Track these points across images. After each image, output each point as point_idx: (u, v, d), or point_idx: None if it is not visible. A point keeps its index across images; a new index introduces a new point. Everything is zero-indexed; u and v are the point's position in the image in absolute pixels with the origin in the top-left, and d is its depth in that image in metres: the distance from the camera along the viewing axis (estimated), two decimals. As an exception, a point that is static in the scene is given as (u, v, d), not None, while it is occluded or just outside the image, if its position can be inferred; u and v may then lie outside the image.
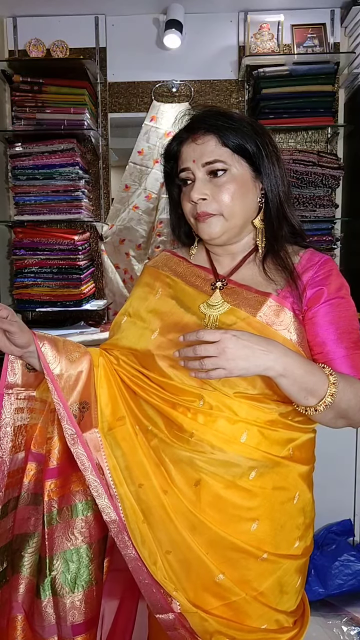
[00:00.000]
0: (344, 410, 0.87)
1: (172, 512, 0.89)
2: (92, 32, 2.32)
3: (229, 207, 0.93)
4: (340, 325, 0.92)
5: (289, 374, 0.81)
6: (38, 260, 2.25)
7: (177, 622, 0.88)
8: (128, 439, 0.94)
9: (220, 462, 0.88)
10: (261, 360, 0.79)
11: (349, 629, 1.79)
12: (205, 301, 0.96)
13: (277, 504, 0.91)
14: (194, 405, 0.90)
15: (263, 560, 0.89)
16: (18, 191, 2.24)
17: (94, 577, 0.95)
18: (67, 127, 2.17)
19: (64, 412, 0.91)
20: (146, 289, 1.05)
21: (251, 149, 0.93)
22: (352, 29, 2.22)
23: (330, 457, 2.03)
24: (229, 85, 2.36)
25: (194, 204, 0.95)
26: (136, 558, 0.88)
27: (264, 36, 2.24)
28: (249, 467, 0.88)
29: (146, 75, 2.35)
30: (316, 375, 0.83)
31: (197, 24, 2.30)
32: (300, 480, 0.95)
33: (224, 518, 0.89)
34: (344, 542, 2.00)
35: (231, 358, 0.77)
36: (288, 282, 0.94)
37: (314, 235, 2.18)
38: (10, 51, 2.34)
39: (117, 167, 2.44)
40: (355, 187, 2.23)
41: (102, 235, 2.40)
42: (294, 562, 0.94)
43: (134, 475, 0.91)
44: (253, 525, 0.89)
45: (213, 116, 0.94)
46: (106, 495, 0.89)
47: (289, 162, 2.10)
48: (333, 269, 0.98)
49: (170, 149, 1.00)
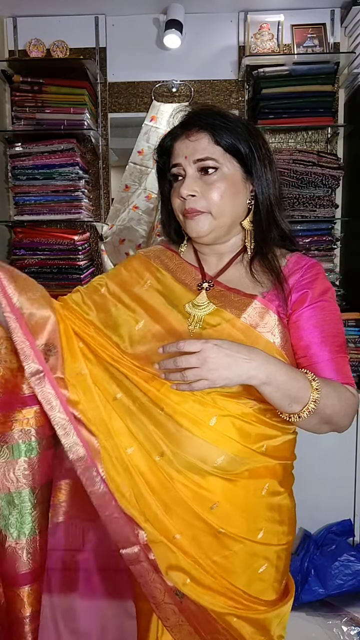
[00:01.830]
0: (329, 415, 0.87)
1: (134, 469, 0.89)
2: (92, 32, 2.32)
3: (218, 205, 0.93)
4: (325, 329, 0.92)
5: (272, 381, 0.80)
6: (38, 260, 2.25)
7: (142, 554, 0.87)
8: (88, 394, 0.92)
9: (187, 443, 0.87)
10: (244, 369, 0.78)
11: (349, 629, 1.79)
12: (191, 301, 0.96)
13: (242, 494, 0.90)
14: (167, 384, 0.88)
15: (220, 533, 0.89)
16: (18, 191, 2.24)
17: (37, 525, 0.90)
18: (67, 127, 2.17)
19: (29, 350, 0.87)
20: (134, 275, 1.04)
21: (243, 149, 0.94)
22: (352, 29, 2.22)
23: (330, 457, 2.04)
24: (229, 85, 2.36)
25: (183, 200, 0.95)
26: (105, 492, 0.86)
27: (264, 36, 2.24)
28: (216, 453, 0.87)
29: (146, 75, 2.35)
30: (299, 381, 0.83)
31: (197, 24, 2.30)
32: (271, 473, 0.93)
33: (185, 489, 0.88)
34: (344, 542, 2.00)
35: (213, 368, 0.76)
36: (274, 284, 0.94)
37: (314, 235, 2.18)
38: (10, 51, 2.33)
39: (117, 167, 2.44)
40: (355, 187, 2.23)
41: (102, 235, 2.40)
42: (257, 545, 0.92)
43: (98, 427, 0.91)
44: (213, 506, 0.88)
45: (208, 114, 0.94)
46: (75, 432, 0.87)
47: (289, 162, 2.10)
48: (319, 272, 0.97)
49: (163, 144, 1.00)
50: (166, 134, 1.00)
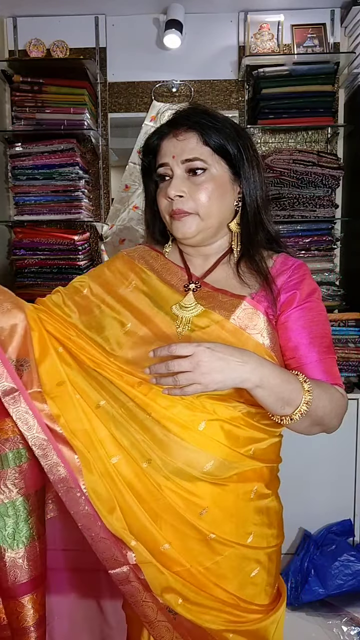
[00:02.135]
0: (320, 417, 0.87)
1: (120, 480, 0.86)
2: (92, 32, 2.32)
3: (206, 206, 0.91)
4: (313, 330, 0.92)
5: (265, 384, 0.79)
6: (38, 260, 2.25)
7: (132, 574, 0.84)
8: (70, 405, 0.89)
9: (175, 448, 0.85)
10: (237, 373, 0.77)
11: (349, 629, 1.79)
12: (177, 302, 0.94)
13: (231, 498, 0.89)
14: (155, 389, 0.87)
15: (210, 539, 0.87)
16: (18, 191, 2.24)
17: (35, 532, 0.87)
18: (67, 127, 2.17)
19: (0, 367, 0.83)
20: (118, 275, 1.02)
21: (232, 150, 0.92)
22: (352, 29, 2.22)
23: (330, 457, 2.04)
24: (229, 85, 2.36)
25: (170, 201, 0.93)
26: (90, 513, 0.83)
27: (264, 36, 2.24)
28: (204, 458, 0.86)
29: (146, 75, 2.35)
30: (292, 383, 0.82)
31: (197, 24, 2.30)
32: (259, 476, 0.92)
33: (173, 495, 0.86)
34: (344, 542, 2.00)
35: (206, 372, 0.75)
36: (262, 285, 0.93)
37: (314, 235, 2.18)
38: (10, 51, 2.33)
39: (117, 167, 2.44)
40: (355, 187, 2.23)
41: (102, 235, 2.40)
42: (247, 550, 0.90)
43: (80, 441, 0.87)
44: (202, 511, 0.86)
45: (197, 114, 0.93)
46: (55, 452, 0.84)
47: (289, 162, 2.10)
48: (306, 273, 0.96)
49: (150, 142, 0.98)
50: (153, 132, 0.98)
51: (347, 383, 2.11)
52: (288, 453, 0.96)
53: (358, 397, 2.08)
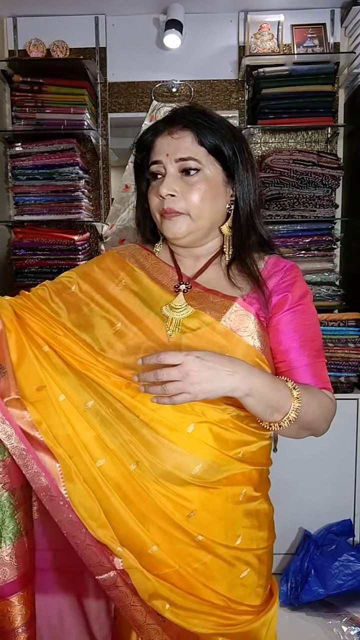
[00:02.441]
0: (309, 422, 0.87)
1: (105, 484, 0.84)
2: (92, 32, 2.32)
3: (198, 207, 0.90)
4: (304, 334, 0.91)
5: (255, 393, 0.79)
6: (38, 260, 2.25)
7: (119, 579, 0.82)
8: (51, 409, 0.86)
9: (163, 450, 0.84)
10: (227, 382, 0.77)
11: (349, 629, 1.79)
12: (168, 303, 0.93)
13: (220, 501, 0.88)
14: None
15: (198, 541, 0.86)
16: (18, 191, 2.24)
17: (22, 527, 0.85)
18: (67, 127, 2.17)
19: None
20: (108, 273, 1.00)
21: (227, 152, 0.91)
22: (352, 29, 2.22)
23: (330, 457, 2.04)
24: (229, 85, 2.36)
25: (161, 199, 0.91)
26: (74, 521, 0.81)
27: (264, 36, 2.24)
28: (193, 461, 0.85)
29: (146, 75, 2.35)
30: (281, 391, 0.82)
31: (197, 24, 2.30)
32: (248, 480, 0.91)
33: (162, 498, 0.85)
34: (344, 542, 2.00)
35: (196, 382, 0.74)
36: (253, 287, 0.92)
37: (314, 235, 2.18)
38: (10, 51, 2.33)
39: (117, 167, 2.44)
40: (355, 187, 2.23)
41: (102, 235, 2.40)
42: (237, 551, 0.90)
43: (62, 447, 0.85)
44: (190, 514, 0.86)
45: (194, 113, 0.91)
46: (35, 462, 0.81)
47: (289, 162, 2.10)
48: (298, 275, 0.96)
49: (144, 139, 0.96)
50: (147, 128, 0.96)
51: (347, 383, 2.11)
52: (288, 453, 0.97)
53: (358, 397, 2.08)
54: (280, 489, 1.00)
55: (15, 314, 0.94)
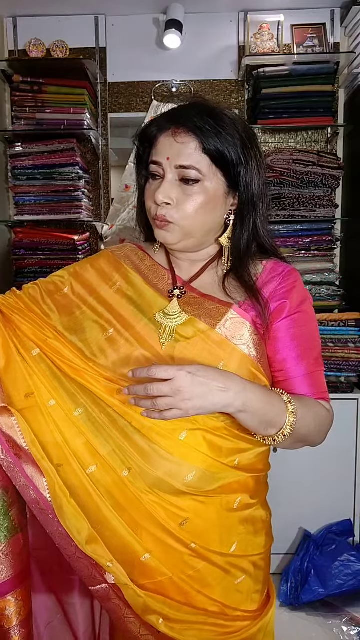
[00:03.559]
0: (303, 435, 0.85)
1: (96, 491, 0.82)
2: (92, 32, 2.32)
3: (191, 219, 0.86)
4: (302, 342, 0.89)
5: (249, 409, 0.77)
6: (38, 260, 2.25)
7: (112, 592, 0.81)
8: (40, 416, 0.84)
9: (156, 457, 0.82)
10: (219, 398, 0.74)
11: (349, 629, 1.79)
12: (161, 310, 0.89)
13: (213, 509, 0.86)
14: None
15: (192, 548, 0.84)
16: (18, 191, 2.24)
17: (17, 524, 0.83)
18: (67, 127, 2.17)
19: None
20: (102, 275, 0.96)
21: (233, 164, 0.85)
22: (352, 29, 2.22)
23: (330, 457, 2.04)
24: (229, 85, 2.36)
25: (156, 205, 0.87)
26: (64, 534, 0.80)
27: (264, 36, 2.24)
28: (186, 468, 0.83)
29: (146, 75, 2.35)
30: (275, 406, 0.80)
31: (197, 24, 2.30)
32: (243, 488, 0.89)
33: (154, 505, 0.83)
34: (344, 542, 2.01)
35: (187, 398, 0.72)
36: (250, 295, 0.89)
37: (314, 235, 2.18)
38: (10, 51, 2.33)
39: (117, 167, 2.44)
40: (355, 187, 2.23)
41: (102, 235, 2.40)
42: (232, 558, 0.88)
43: (51, 455, 0.83)
44: (182, 522, 0.84)
45: (201, 116, 0.84)
46: (23, 476, 0.79)
47: (289, 162, 2.10)
48: (297, 280, 0.92)
49: (147, 132, 0.91)
50: (151, 121, 0.91)
51: (347, 383, 2.11)
52: (288, 453, 0.96)
53: (358, 397, 2.08)
54: (280, 489, 0.99)
55: (4, 315, 0.91)
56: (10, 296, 0.96)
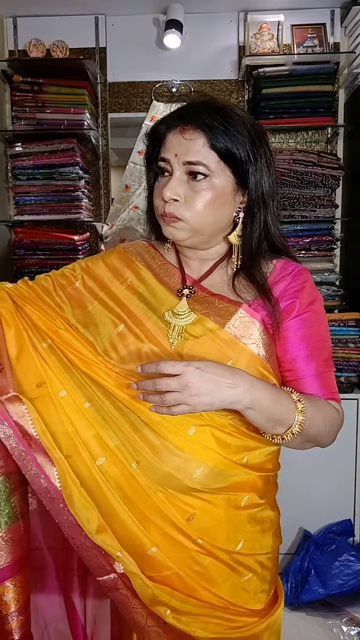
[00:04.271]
0: (313, 436, 0.85)
1: (105, 483, 0.83)
2: (92, 32, 2.32)
3: (200, 216, 0.86)
4: (312, 342, 0.88)
5: (257, 406, 0.77)
6: (38, 260, 2.25)
7: (120, 582, 0.81)
8: (51, 406, 0.85)
9: (164, 452, 0.83)
10: (226, 395, 0.74)
11: (349, 629, 1.79)
12: (171, 308, 0.90)
13: (221, 506, 0.86)
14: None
15: (198, 544, 0.85)
16: (18, 191, 2.24)
17: (18, 511, 0.84)
18: (67, 127, 2.17)
19: None
20: (113, 271, 0.97)
21: (242, 160, 0.85)
22: (352, 29, 2.22)
23: (330, 457, 2.04)
24: (229, 85, 2.36)
25: (163, 202, 0.87)
26: (74, 524, 0.80)
27: (264, 36, 2.24)
28: (193, 464, 0.83)
29: (146, 75, 2.35)
30: (284, 404, 0.80)
31: (197, 24, 2.30)
32: (251, 487, 0.89)
33: (162, 497, 0.84)
34: (344, 542, 2.01)
35: (195, 394, 0.72)
36: (259, 295, 0.89)
37: (314, 235, 2.18)
38: (10, 51, 2.33)
39: (117, 167, 2.44)
40: (355, 187, 2.23)
41: (102, 235, 2.40)
42: (238, 556, 0.88)
43: (61, 445, 0.84)
44: (189, 517, 0.84)
45: (209, 112, 0.85)
46: (34, 464, 0.80)
47: (289, 162, 2.10)
48: (307, 280, 0.91)
49: (157, 130, 0.91)
50: (161, 120, 0.91)
51: (347, 383, 2.11)
52: (288, 453, 0.96)
53: (358, 397, 2.08)
54: (280, 489, 0.99)
55: (16, 305, 0.92)
56: (22, 286, 0.97)
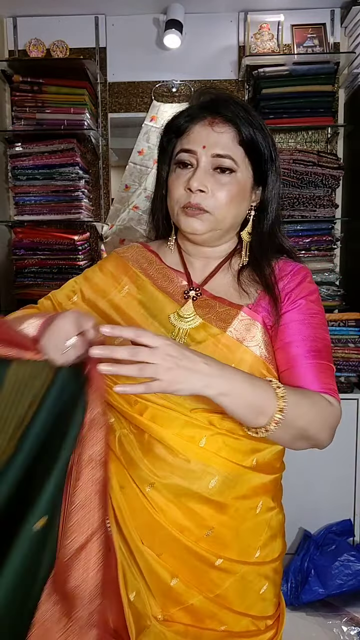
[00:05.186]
0: (302, 427, 0.80)
1: (124, 511, 0.83)
2: (92, 32, 2.32)
3: (224, 209, 0.86)
4: (308, 331, 0.87)
5: (231, 390, 0.73)
6: (38, 260, 2.25)
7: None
8: None
9: (178, 467, 0.82)
10: (202, 373, 0.71)
11: (349, 629, 1.79)
12: (175, 311, 0.89)
13: (237, 515, 0.85)
14: (150, 404, 0.84)
15: (218, 565, 0.84)
16: (18, 191, 2.24)
17: None
18: (67, 127, 2.17)
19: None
20: (110, 279, 0.96)
21: (265, 157, 0.88)
22: (352, 29, 2.22)
23: (330, 457, 2.04)
24: (229, 85, 2.35)
25: (188, 192, 0.86)
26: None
27: (264, 36, 2.24)
28: (208, 475, 0.82)
29: (146, 75, 2.35)
30: (262, 387, 0.77)
31: (197, 24, 2.30)
32: (264, 490, 0.89)
33: (178, 519, 0.83)
34: (344, 542, 2.00)
35: (171, 366, 0.69)
36: (261, 294, 0.89)
37: (314, 235, 2.18)
38: (10, 51, 2.33)
39: (117, 167, 2.44)
40: (355, 187, 2.23)
41: (102, 235, 2.40)
42: (255, 567, 0.88)
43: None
44: (208, 532, 0.83)
45: (237, 106, 0.86)
46: None
47: (289, 162, 2.10)
48: (306, 276, 0.92)
49: (177, 123, 0.90)
50: (180, 112, 0.90)
51: (347, 383, 2.11)
52: (288, 453, 0.96)
53: (358, 397, 2.08)
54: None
55: None
56: (27, 308, 0.98)
